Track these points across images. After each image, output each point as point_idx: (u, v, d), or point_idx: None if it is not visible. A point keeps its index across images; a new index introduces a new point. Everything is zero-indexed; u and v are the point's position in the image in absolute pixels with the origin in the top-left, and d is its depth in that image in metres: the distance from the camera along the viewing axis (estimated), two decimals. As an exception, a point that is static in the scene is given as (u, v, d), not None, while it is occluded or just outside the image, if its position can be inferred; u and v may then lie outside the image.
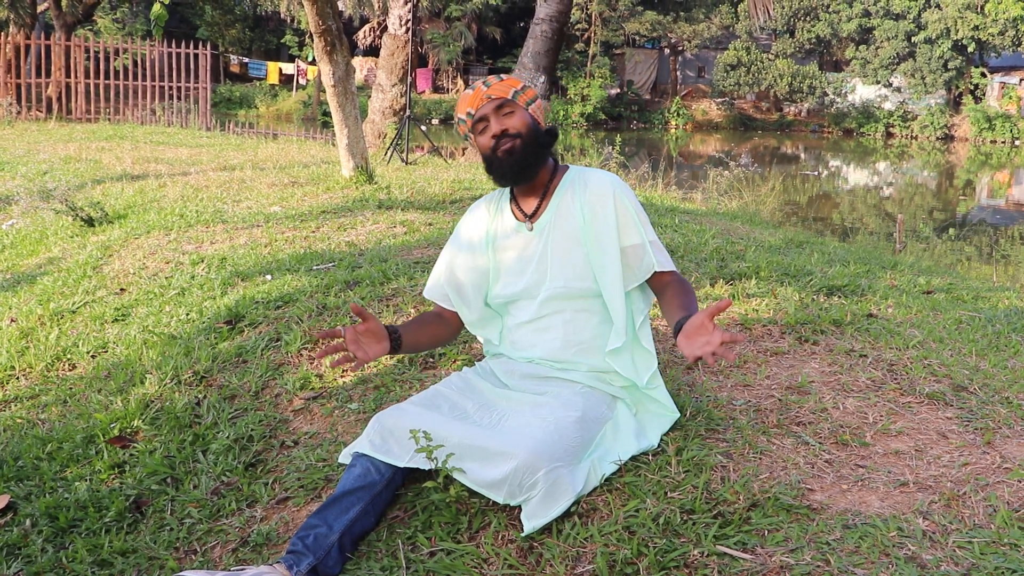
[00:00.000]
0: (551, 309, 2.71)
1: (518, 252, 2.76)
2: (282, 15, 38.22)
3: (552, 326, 2.73)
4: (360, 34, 36.36)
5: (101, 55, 18.78)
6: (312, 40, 7.71)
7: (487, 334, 2.89)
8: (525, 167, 2.68)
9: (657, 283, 2.69)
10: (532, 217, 2.74)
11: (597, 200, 2.66)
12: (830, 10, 43.26)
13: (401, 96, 13.75)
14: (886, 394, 3.01)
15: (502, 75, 2.76)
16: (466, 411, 2.61)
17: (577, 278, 2.68)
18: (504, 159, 2.66)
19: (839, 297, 4.20)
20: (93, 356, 4.19)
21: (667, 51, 45.14)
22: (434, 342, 2.91)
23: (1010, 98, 40.63)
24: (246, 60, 41.01)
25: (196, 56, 19.01)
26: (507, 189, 2.84)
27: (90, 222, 6.78)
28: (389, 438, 2.49)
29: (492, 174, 2.74)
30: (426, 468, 2.42)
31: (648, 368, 2.72)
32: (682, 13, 42.95)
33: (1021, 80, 40.87)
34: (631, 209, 2.66)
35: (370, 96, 14.37)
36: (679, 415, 2.77)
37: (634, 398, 2.73)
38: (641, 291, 2.76)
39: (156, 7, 8.39)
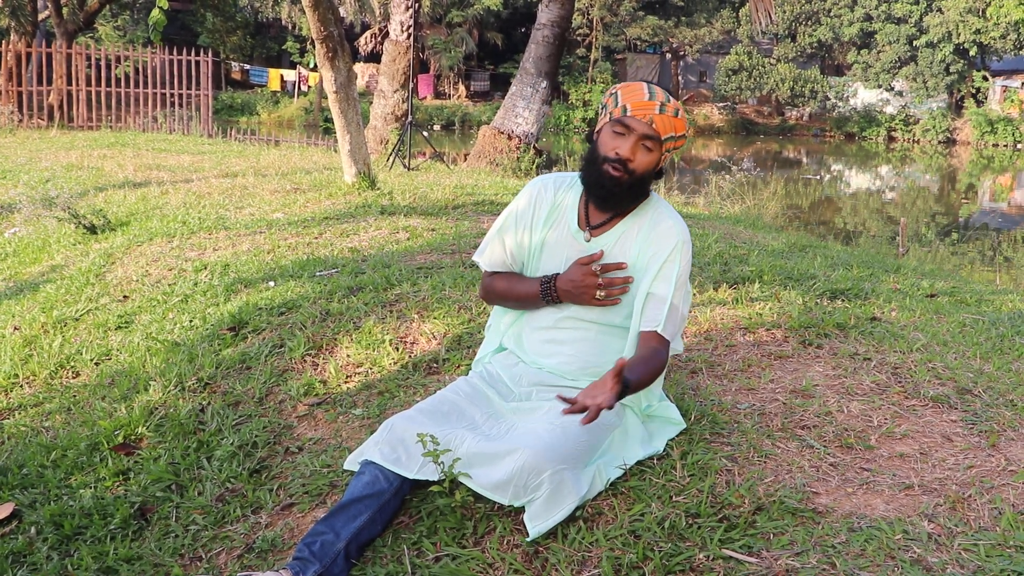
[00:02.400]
0: (573, 325, 2.69)
1: (566, 256, 2.68)
2: (283, 22, 38.37)
3: (569, 340, 2.70)
4: (361, 40, 36.39)
5: (102, 63, 18.81)
6: (314, 47, 7.72)
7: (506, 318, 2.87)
8: (615, 202, 2.60)
9: (642, 337, 2.60)
10: (595, 229, 2.67)
11: (658, 245, 2.59)
12: (832, 14, 43.30)
13: (403, 102, 13.77)
14: (890, 397, 3.01)
15: (679, 111, 2.55)
16: (475, 421, 2.59)
17: (612, 311, 2.65)
18: (605, 180, 2.55)
19: (843, 301, 4.20)
20: (97, 363, 4.19)
21: (668, 56, 45.21)
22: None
23: (1012, 101, 40.64)
24: (247, 67, 41.07)
25: (197, 63, 19.03)
26: (576, 175, 2.74)
27: (93, 230, 6.78)
28: (398, 447, 2.48)
29: (585, 176, 2.64)
30: (435, 479, 2.42)
31: (647, 401, 2.72)
32: (683, 18, 43.04)
33: (1023, 83, 40.86)
34: (677, 270, 2.58)
35: (372, 102, 14.39)
36: (685, 425, 2.77)
37: (639, 408, 2.73)
38: None
39: (155, 12, 8.44)
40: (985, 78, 41.39)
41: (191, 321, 4.37)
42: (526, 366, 2.77)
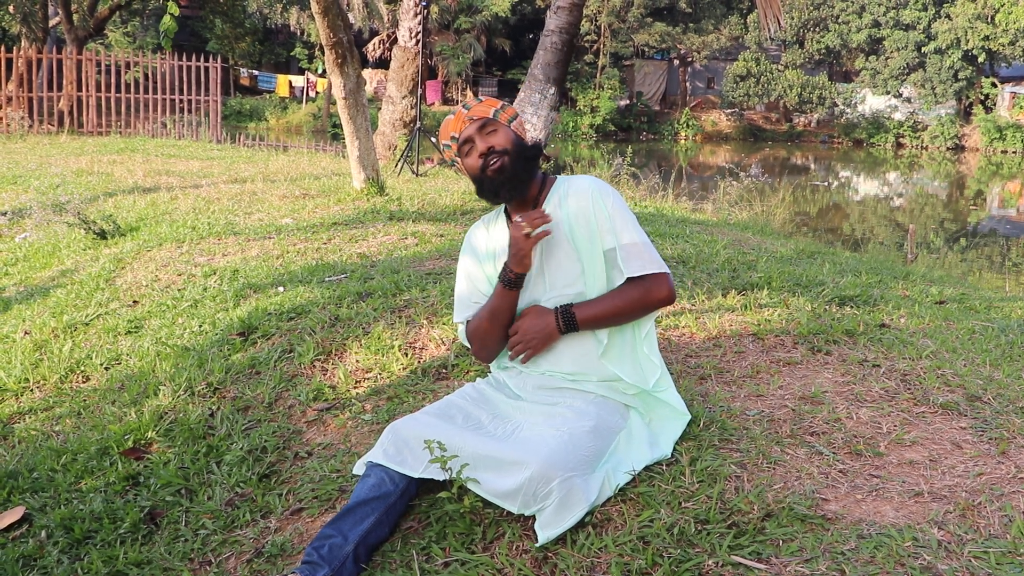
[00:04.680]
0: None
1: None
2: (292, 28, 38.51)
3: (559, 341, 2.72)
4: (370, 46, 36.50)
5: (112, 68, 18.91)
6: (322, 52, 7.75)
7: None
8: (517, 183, 2.70)
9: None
10: None
11: (577, 205, 2.68)
12: (840, 21, 43.23)
13: (411, 108, 13.79)
14: (900, 404, 3.00)
15: (481, 97, 2.80)
16: (480, 422, 2.62)
17: (567, 285, 2.69)
18: (495, 177, 2.68)
19: (851, 307, 4.19)
20: (107, 368, 4.20)
21: (676, 62, 45.19)
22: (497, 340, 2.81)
23: (1021, 108, 40.51)
24: (256, 73, 41.22)
25: (206, 69, 19.11)
26: (501, 207, 2.85)
27: (102, 235, 6.81)
28: (403, 448, 2.49)
29: (484, 194, 2.75)
30: (440, 479, 2.43)
31: (653, 373, 2.73)
32: (691, 24, 43.02)
33: (1031, 90, 40.78)
34: (606, 211, 2.66)
35: (380, 108, 14.41)
36: (690, 416, 2.78)
37: (646, 405, 2.73)
38: None
39: (166, 19, 8.53)
40: (994, 84, 41.28)
41: (201, 326, 4.38)
42: (528, 375, 2.79)
